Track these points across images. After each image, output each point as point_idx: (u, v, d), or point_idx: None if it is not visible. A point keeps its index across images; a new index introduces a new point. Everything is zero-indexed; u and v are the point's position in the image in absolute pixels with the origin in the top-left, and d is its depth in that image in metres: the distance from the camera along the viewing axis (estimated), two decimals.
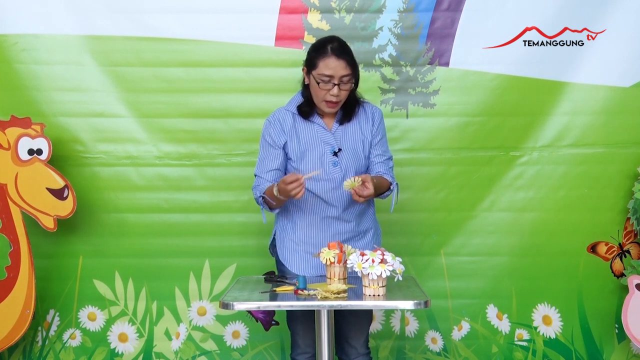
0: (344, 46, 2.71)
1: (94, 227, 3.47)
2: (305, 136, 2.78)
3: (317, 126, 2.79)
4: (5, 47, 3.40)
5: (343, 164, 2.76)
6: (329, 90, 2.67)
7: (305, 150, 2.77)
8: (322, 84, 2.67)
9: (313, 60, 2.69)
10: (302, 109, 2.79)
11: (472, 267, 3.51)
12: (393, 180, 2.83)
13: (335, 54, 2.66)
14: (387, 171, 2.83)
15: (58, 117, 3.43)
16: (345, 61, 2.66)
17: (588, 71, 3.42)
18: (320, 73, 2.66)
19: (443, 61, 3.44)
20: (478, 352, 3.52)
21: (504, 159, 3.47)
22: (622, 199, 3.45)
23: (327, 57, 2.66)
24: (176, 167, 3.48)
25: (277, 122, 2.80)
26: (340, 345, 2.90)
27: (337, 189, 2.75)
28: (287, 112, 2.82)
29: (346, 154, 2.77)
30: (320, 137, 2.78)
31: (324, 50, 2.67)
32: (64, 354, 3.51)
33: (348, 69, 2.66)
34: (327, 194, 2.76)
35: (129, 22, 3.40)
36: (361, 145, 2.80)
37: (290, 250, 2.82)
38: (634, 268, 3.40)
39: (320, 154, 2.76)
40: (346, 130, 2.80)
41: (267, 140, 2.81)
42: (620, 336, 3.49)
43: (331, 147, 2.77)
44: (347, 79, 2.67)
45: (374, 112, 2.85)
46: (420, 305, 2.29)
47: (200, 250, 3.49)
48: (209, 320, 3.53)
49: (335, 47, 2.67)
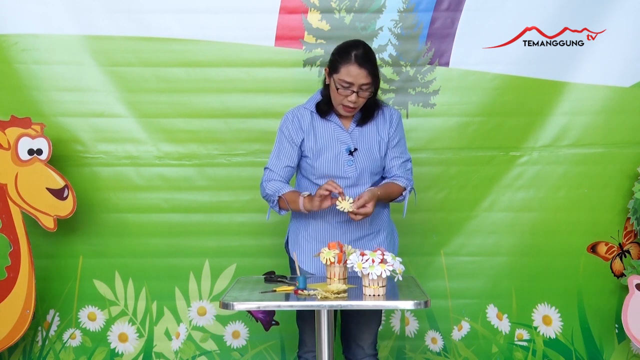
0: (368, 54, 2.69)
1: (94, 227, 3.47)
2: (322, 134, 2.80)
3: (334, 125, 2.81)
4: (5, 47, 3.40)
5: (358, 164, 2.78)
6: (347, 96, 2.68)
7: (321, 149, 2.78)
8: (342, 89, 2.67)
9: (335, 64, 2.69)
10: (320, 108, 2.80)
11: (472, 267, 3.51)
12: (409, 184, 2.83)
13: (358, 62, 2.65)
14: (404, 174, 2.84)
15: (58, 117, 3.43)
16: (367, 70, 2.65)
17: (588, 71, 3.42)
18: (341, 79, 2.66)
19: (443, 61, 3.44)
20: (478, 352, 3.52)
21: (504, 159, 3.47)
22: (622, 199, 3.45)
23: (349, 64, 2.65)
24: (176, 167, 3.48)
25: (295, 119, 2.82)
26: (348, 345, 2.91)
27: (351, 188, 2.76)
28: (306, 110, 2.84)
29: (362, 154, 2.78)
30: (336, 136, 2.80)
31: (348, 57, 2.66)
32: (64, 354, 3.51)
33: (369, 78, 2.66)
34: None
35: (129, 22, 3.40)
36: (377, 146, 2.81)
37: (302, 247, 2.83)
38: (634, 268, 3.40)
39: (336, 152, 2.78)
40: (363, 130, 2.81)
41: (285, 134, 2.82)
42: (620, 336, 3.49)
43: (347, 146, 2.78)
44: (366, 87, 2.68)
45: (392, 114, 2.85)
46: (420, 305, 2.29)
47: (200, 250, 3.49)
48: (209, 320, 3.53)
49: (359, 55, 2.66)
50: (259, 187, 2.86)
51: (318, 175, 2.80)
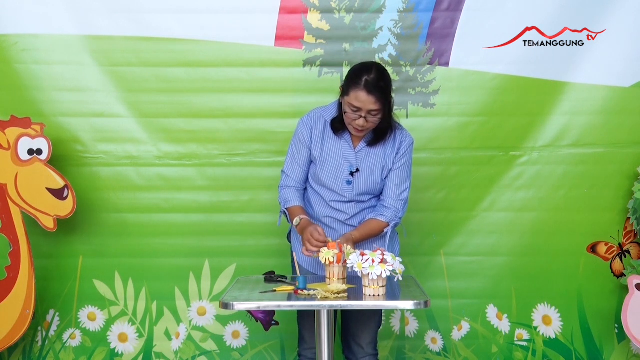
0: (380, 80, 2.63)
1: (94, 227, 3.47)
2: (329, 147, 2.80)
3: (343, 142, 2.80)
4: (5, 47, 3.40)
5: (357, 185, 2.79)
6: (355, 120, 2.67)
7: (325, 160, 2.80)
8: (350, 112, 2.67)
9: (347, 87, 2.67)
10: (334, 124, 2.79)
11: (472, 267, 3.51)
12: (394, 218, 2.78)
13: (367, 88, 2.61)
14: (395, 204, 2.80)
15: (58, 117, 3.43)
16: (376, 97, 2.61)
17: (588, 71, 3.42)
18: (350, 103, 2.65)
19: (443, 61, 3.44)
20: (478, 352, 3.52)
21: (504, 159, 3.47)
22: (622, 199, 3.45)
23: (359, 89, 2.62)
24: (176, 167, 3.48)
25: (309, 124, 2.82)
26: (348, 344, 2.91)
27: (345, 204, 2.79)
28: (322, 117, 2.82)
29: (362, 176, 2.79)
30: (342, 153, 2.80)
31: (358, 81, 2.62)
32: (63, 354, 3.51)
33: (377, 105, 2.63)
34: (335, 203, 2.81)
35: (129, 22, 3.40)
36: (380, 171, 2.80)
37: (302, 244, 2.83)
38: (634, 268, 3.40)
39: (337, 168, 2.79)
40: (370, 152, 2.80)
41: (300, 139, 2.83)
42: (620, 336, 3.49)
43: (350, 165, 2.79)
44: (375, 113, 2.65)
45: (402, 141, 2.82)
46: (420, 305, 2.29)
47: (200, 250, 3.49)
48: (208, 320, 3.53)
49: (370, 81, 2.61)
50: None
51: (317, 183, 2.82)
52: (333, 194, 2.80)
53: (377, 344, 2.90)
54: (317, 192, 2.84)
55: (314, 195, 2.85)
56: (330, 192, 2.81)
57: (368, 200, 2.83)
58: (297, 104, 3.40)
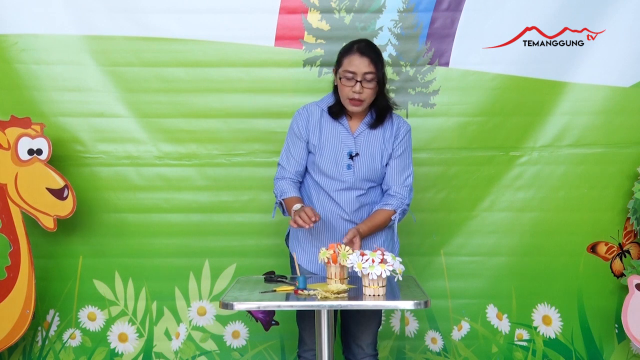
0: (371, 45, 2.76)
1: (94, 227, 3.47)
2: (327, 133, 2.82)
3: (341, 127, 2.82)
4: (5, 47, 3.40)
5: (357, 170, 2.79)
6: (352, 87, 2.70)
7: (323, 147, 2.80)
8: (345, 80, 2.71)
9: (339, 59, 2.76)
10: (332, 110, 2.82)
11: (472, 267, 3.51)
12: (401, 204, 2.79)
13: (360, 51, 2.71)
14: (400, 190, 2.81)
15: (58, 117, 3.43)
16: (369, 59, 2.69)
17: (588, 71, 3.42)
18: (345, 70, 2.71)
19: (443, 61, 3.44)
20: (478, 352, 3.52)
21: (503, 159, 3.47)
22: (622, 199, 3.45)
23: (351, 54, 2.71)
24: (176, 167, 3.48)
25: (304, 115, 2.85)
26: (347, 345, 2.91)
27: (346, 191, 2.78)
28: (317, 107, 2.86)
29: (362, 160, 2.79)
30: (341, 138, 2.81)
31: (351, 48, 2.73)
32: (63, 354, 3.51)
33: (371, 67, 2.69)
34: (336, 193, 2.79)
35: (129, 22, 3.40)
36: (379, 156, 2.81)
37: (303, 245, 2.86)
38: (633, 268, 3.40)
39: (336, 153, 2.79)
40: (369, 136, 2.82)
41: (295, 130, 2.85)
42: (620, 336, 3.49)
43: (349, 149, 2.79)
44: (370, 77, 2.70)
45: (400, 127, 2.85)
46: (420, 305, 2.29)
47: (200, 250, 3.49)
48: (209, 320, 3.53)
49: (361, 46, 2.73)
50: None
51: (317, 172, 2.82)
52: (334, 182, 2.79)
53: (377, 344, 2.90)
54: (318, 183, 2.82)
55: (314, 187, 2.85)
56: (331, 181, 2.79)
57: (368, 191, 2.82)
58: (297, 104, 3.37)
